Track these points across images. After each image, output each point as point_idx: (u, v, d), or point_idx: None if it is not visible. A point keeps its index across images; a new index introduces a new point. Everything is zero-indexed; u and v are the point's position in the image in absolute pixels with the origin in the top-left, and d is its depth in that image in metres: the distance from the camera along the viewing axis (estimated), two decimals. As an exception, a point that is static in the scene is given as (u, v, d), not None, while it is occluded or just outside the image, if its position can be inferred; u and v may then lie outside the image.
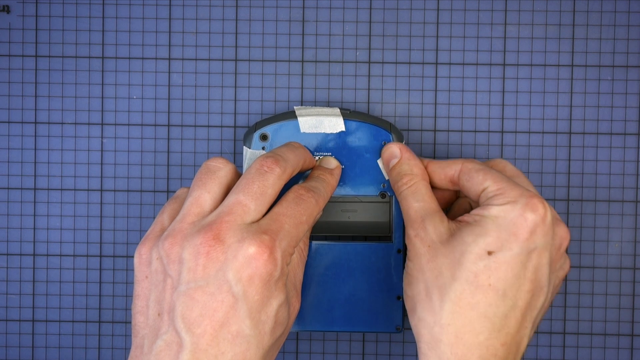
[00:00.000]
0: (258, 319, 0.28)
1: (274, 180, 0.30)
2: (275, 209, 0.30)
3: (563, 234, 0.31)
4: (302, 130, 0.35)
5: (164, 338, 0.28)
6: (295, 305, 0.31)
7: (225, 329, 0.28)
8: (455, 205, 0.35)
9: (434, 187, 0.34)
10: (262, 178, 0.30)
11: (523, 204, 0.29)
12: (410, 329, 0.38)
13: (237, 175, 0.32)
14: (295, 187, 0.31)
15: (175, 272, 0.28)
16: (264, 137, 0.35)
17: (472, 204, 0.35)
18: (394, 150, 0.34)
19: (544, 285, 0.30)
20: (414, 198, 0.32)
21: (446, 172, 0.33)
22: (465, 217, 0.31)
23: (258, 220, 0.29)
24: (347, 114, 0.35)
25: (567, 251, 0.32)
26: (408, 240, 0.31)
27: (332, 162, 0.35)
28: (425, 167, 0.34)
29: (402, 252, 0.35)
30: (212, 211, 0.30)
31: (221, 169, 0.31)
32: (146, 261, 0.30)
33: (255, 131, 0.35)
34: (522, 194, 0.30)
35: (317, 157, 0.35)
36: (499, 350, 0.29)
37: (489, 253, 0.29)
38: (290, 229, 0.29)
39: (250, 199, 0.29)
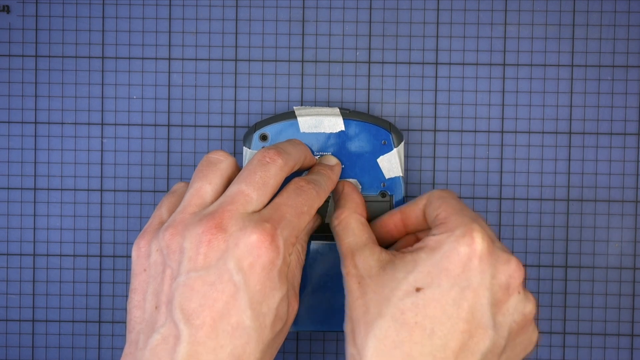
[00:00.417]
0: (259, 310, 0.27)
1: (275, 171, 0.30)
2: (277, 200, 0.30)
3: (511, 271, 0.28)
4: (301, 130, 0.35)
5: (160, 331, 0.27)
6: (294, 305, 0.31)
7: (225, 320, 0.27)
8: (402, 240, 0.34)
9: (414, 231, 0.33)
10: (264, 169, 0.30)
11: (458, 235, 0.28)
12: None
13: (238, 168, 0.32)
14: (295, 179, 0.31)
15: (176, 263, 0.28)
16: (263, 138, 0.35)
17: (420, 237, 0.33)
18: (338, 186, 0.34)
19: (487, 327, 0.27)
20: (345, 234, 0.31)
21: (418, 206, 0.32)
22: (403, 250, 0.29)
23: (260, 210, 0.29)
24: (347, 114, 0.35)
25: (525, 288, 0.29)
26: (343, 278, 0.30)
27: (332, 160, 0.35)
28: (400, 213, 0.32)
29: None
30: (213, 202, 0.29)
31: (222, 161, 0.31)
32: (145, 254, 0.29)
33: (255, 131, 0.35)
34: (462, 223, 0.28)
35: (318, 156, 0.35)
36: None
37: (417, 289, 0.27)
38: (292, 218, 0.29)
39: (252, 188, 0.29)
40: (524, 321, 0.29)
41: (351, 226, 0.32)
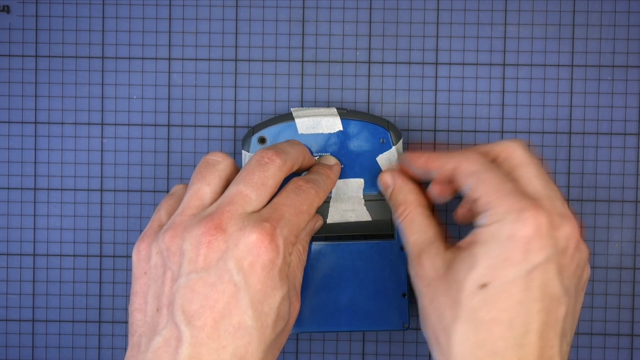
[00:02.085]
0: (260, 310, 0.27)
1: (274, 171, 0.30)
2: (276, 199, 0.30)
3: (568, 232, 0.28)
4: (299, 132, 0.35)
5: (162, 334, 0.27)
6: (296, 305, 0.31)
7: (227, 320, 0.27)
8: (460, 208, 0.33)
9: (435, 180, 0.32)
10: (263, 169, 0.30)
11: (511, 221, 0.27)
12: (414, 328, 0.38)
13: (236, 169, 0.32)
14: (294, 179, 0.31)
15: (176, 265, 0.28)
16: (262, 140, 0.35)
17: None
18: (386, 179, 0.34)
19: (560, 296, 0.27)
20: (410, 230, 0.31)
21: (443, 172, 0.31)
22: (461, 243, 0.29)
23: (259, 210, 0.29)
24: (344, 114, 0.35)
25: (585, 240, 0.29)
26: (412, 279, 0.31)
27: (331, 160, 0.35)
28: (423, 164, 0.31)
29: None
30: (212, 203, 0.29)
31: (220, 163, 0.31)
32: (145, 257, 0.29)
33: (253, 134, 0.35)
34: (510, 208, 0.27)
35: (317, 157, 0.35)
36: None
37: (482, 286, 0.27)
38: (291, 217, 0.29)
39: (251, 189, 0.29)
40: (587, 273, 0.29)
41: (416, 221, 0.31)
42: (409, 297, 0.36)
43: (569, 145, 0.38)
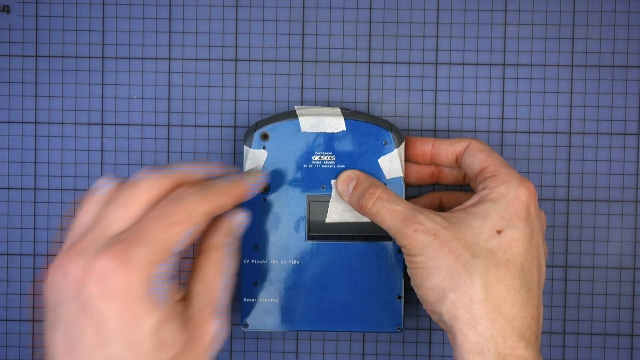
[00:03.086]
0: (131, 339, 0.26)
1: (145, 186, 0.28)
2: (145, 215, 0.28)
3: (544, 218, 0.33)
4: (302, 130, 0.35)
5: None
6: (210, 324, 0.29)
7: (101, 352, 0.25)
8: (427, 199, 0.37)
9: (438, 164, 0.35)
10: (132, 186, 0.28)
11: (516, 185, 0.31)
12: (410, 328, 0.38)
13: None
14: (181, 187, 0.29)
15: (54, 297, 0.27)
16: (264, 137, 0.35)
17: (442, 198, 0.36)
18: (349, 174, 0.34)
19: (542, 264, 0.31)
20: (391, 202, 0.32)
21: (454, 148, 0.34)
22: (462, 206, 0.31)
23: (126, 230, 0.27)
24: (348, 114, 0.35)
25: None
26: (407, 239, 0.30)
27: (253, 175, 0.33)
28: (432, 145, 0.35)
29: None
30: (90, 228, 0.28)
31: (98, 189, 0.29)
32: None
33: (255, 130, 0.35)
34: (515, 176, 0.31)
35: (319, 156, 0.35)
36: (530, 323, 0.30)
37: (498, 232, 0.30)
38: (156, 232, 0.27)
39: (115, 208, 0.27)
40: (544, 256, 0.33)
41: (395, 195, 0.32)
42: (404, 300, 0.36)
43: (569, 145, 0.38)
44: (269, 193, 0.35)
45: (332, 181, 0.35)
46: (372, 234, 0.35)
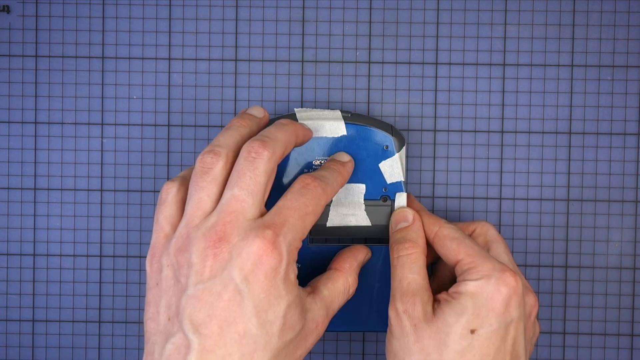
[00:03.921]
0: (265, 318, 0.28)
1: (264, 166, 0.30)
2: (280, 202, 0.30)
3: (532, 302, 0.32)
4: None
5: (172, 341, 0.28)
6: (321, 326, 0.31)
7: (232, 328, 0.27)
8: (437, 274, 0.36)
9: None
10: (252, 166, 0.29)
11: (496, 278, 0.30)
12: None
13: (230, 167, 0.31)
14: (302, 177, 0.31)
15: (184, 277, 0.28)
16: None
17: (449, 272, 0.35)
18: (407, 215, 0.34)
19: (521, 355, 0.31)
20: (410, 269, 0.32)
21: (426, 231, 0.34)
22: (444, 295, 0.31)
23: (261, 214, 0.29)
24: (348, 117, 0.35)
25: (537, 317, 0.34)
26: (394, 314, 0.31)
27: (345, 157, 0.34)
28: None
29: None
30: (214, 209, 0.30)
31: (213, 168, 0.30)
32: (157, 269, 0.30)
33: None
34: (494, 267, 0.31)
35: (319, 161, 0.35)
36: None
37: (472, 331, 0.30)
38: (295, 222, 0.29)
39: (246, 193, 0.29)
40: (535, 342, 0.33)
41: (419, 264, 0.32)
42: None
43: (569, 145, 0.38)
44: (270, 198, 0.35)
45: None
46: (372, 237, 0.35)
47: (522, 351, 0.31)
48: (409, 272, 0.32)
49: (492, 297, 0.30)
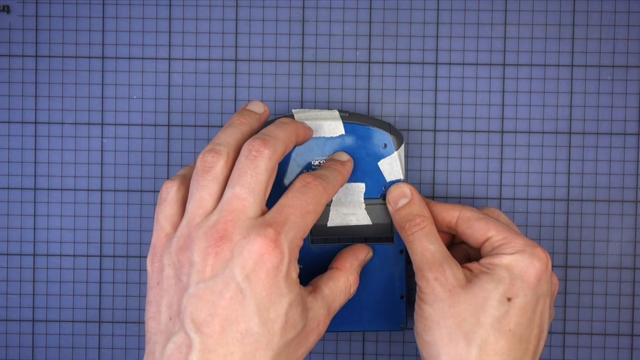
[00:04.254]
0: (267, 316, 0.28)
1: (265, 164, 0.30)
2: (281, 201, 0.30)
3: (556, 282, 0.34)
4: None
5: (174, 341, 0.28)
6: (322, 325, 0.31)
7: (234, 327, 0.27)
8: (454, 253, 0.36)
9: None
10: (253, 165, 0.29)
11: (530, 253, 0.31)
12: (410, 328, 0.38)
13: (232, 165, 0.31)
14: (302, 176, 0.31)
15: (186, 275, 0.28)
16: None
17: (469, 251, 0.36)
18: (405, 190, 0.34)
19: (545, 330, 0.32)
20: (428, 240, 0.32)
21: (444, 216, 0.34)
22: (476, 266, 0.32)
23: (263, 213, 0.29)
24: (346, 117, 0.35)
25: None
26: (425, 282, 0.31)
27: (344, 156, 0.35)
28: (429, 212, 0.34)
29: (405, 252, 0.35)
30: (215, 208, 0.30)
31: (215, 166, 0.30)
32: (158, 269, 0.30)
33: None
34: (526, 243, 0.32)
35: (318, 161, 0.35)
36: None
37: (509, 299, 0.31)
38: (297, 220, 0.29)
39: (247, 191, 0.29)
40: (550, 319, 0.34)
41: (434, 234, 0.33)
42: (407, 299, 0.36)
43: (569, 145, 0.38)
44: (270, 199, 0.35)
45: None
46: (373, 236, 0.35)
47: (546, 325, 0.32)
48: (428, 243, 0.32)
49: (526, 270, 0.31)
